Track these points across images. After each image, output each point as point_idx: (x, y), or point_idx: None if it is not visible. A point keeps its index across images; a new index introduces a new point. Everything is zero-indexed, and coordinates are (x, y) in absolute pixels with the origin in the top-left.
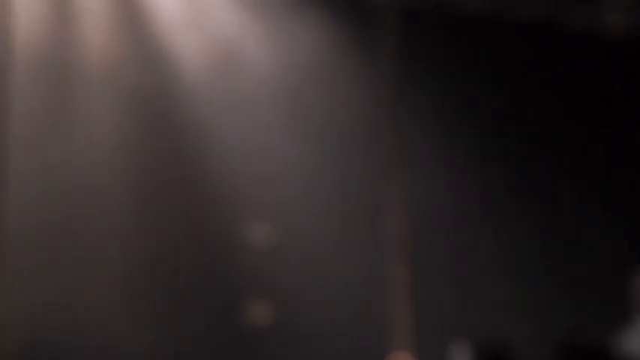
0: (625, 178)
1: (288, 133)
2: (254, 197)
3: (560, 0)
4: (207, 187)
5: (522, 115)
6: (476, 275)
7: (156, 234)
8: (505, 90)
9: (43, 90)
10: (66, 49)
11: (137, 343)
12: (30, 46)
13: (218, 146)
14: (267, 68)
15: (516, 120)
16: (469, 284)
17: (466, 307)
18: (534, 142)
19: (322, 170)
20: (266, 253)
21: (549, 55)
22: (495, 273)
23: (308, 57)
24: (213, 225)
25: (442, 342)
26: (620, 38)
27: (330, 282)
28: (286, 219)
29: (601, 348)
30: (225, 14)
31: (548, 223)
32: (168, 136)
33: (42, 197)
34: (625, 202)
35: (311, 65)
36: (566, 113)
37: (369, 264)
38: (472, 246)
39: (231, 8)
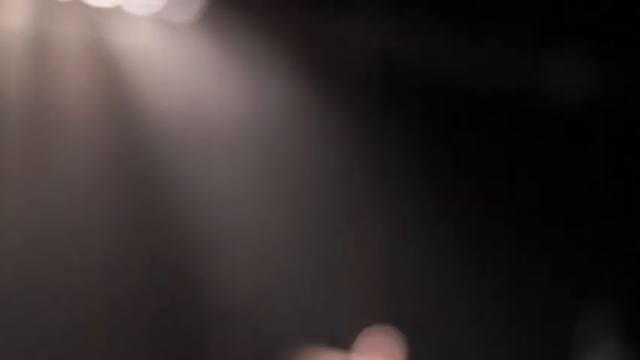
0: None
1: (262, 182)
2: (230, 243)
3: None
4: (180, 232)
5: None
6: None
7: (131, 279)
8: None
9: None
10: (44, 94)
11: None
12: (10, 89)
13: (193, 193)
14: (241, 121)
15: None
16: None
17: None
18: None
19: (296, 220)
20: (242, 296)
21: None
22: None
23: (282, 111)
24: (188, 269)
25: None
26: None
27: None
28: (261, 263)
29: None
30: (200, 66)
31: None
32: (144, 183)
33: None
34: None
35: (285, 118)
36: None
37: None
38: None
39: (206, 60)
